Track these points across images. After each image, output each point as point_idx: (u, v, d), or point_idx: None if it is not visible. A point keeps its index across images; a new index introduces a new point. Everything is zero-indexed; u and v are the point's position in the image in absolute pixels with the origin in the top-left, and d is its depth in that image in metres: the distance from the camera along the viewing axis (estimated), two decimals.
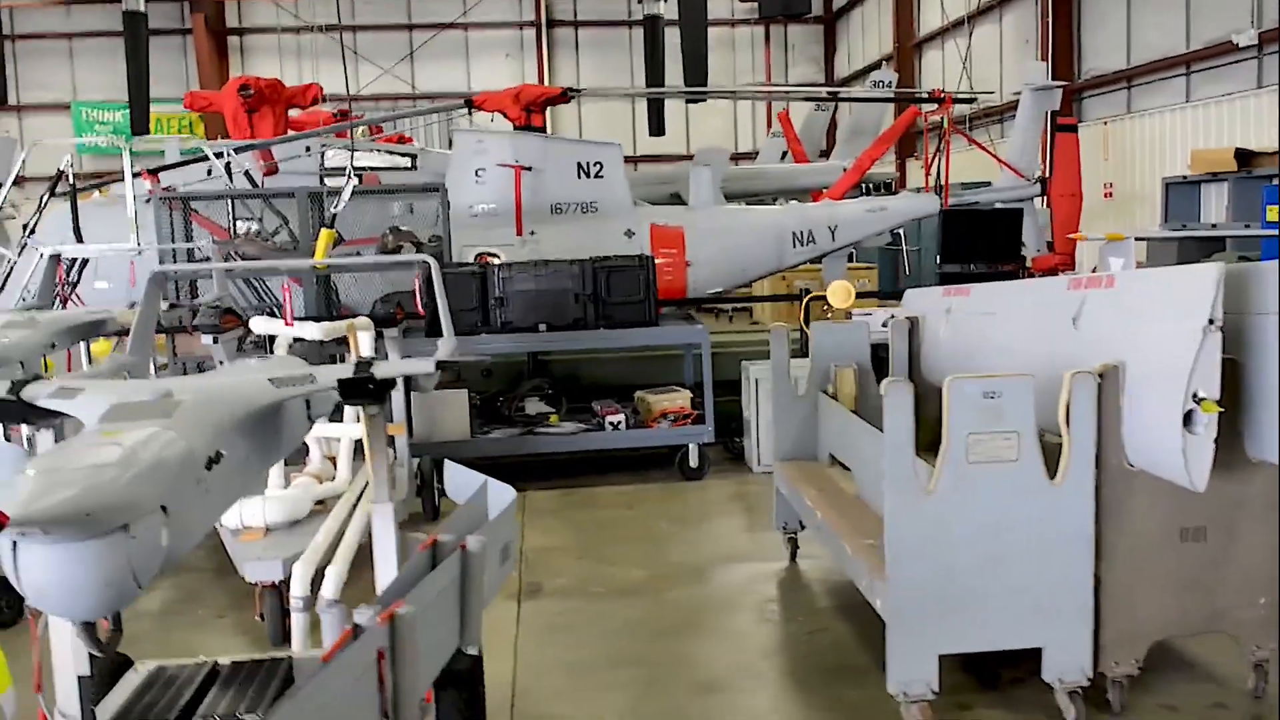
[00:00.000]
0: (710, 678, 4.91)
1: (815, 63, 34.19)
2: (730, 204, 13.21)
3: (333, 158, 12.70)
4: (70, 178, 10.26)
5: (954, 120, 12.87)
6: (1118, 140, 18.46)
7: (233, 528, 5.65)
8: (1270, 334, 3.75)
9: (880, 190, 18.96)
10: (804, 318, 9.42)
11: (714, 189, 12.16)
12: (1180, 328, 3.70)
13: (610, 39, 32.40)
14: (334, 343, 6.45)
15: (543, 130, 11.47)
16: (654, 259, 8.74)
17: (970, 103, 14.74)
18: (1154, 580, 4.19)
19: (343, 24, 30.08)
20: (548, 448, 8.36)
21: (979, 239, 11.42)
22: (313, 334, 5.81)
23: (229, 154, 10.50)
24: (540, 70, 31.93)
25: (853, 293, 8.47)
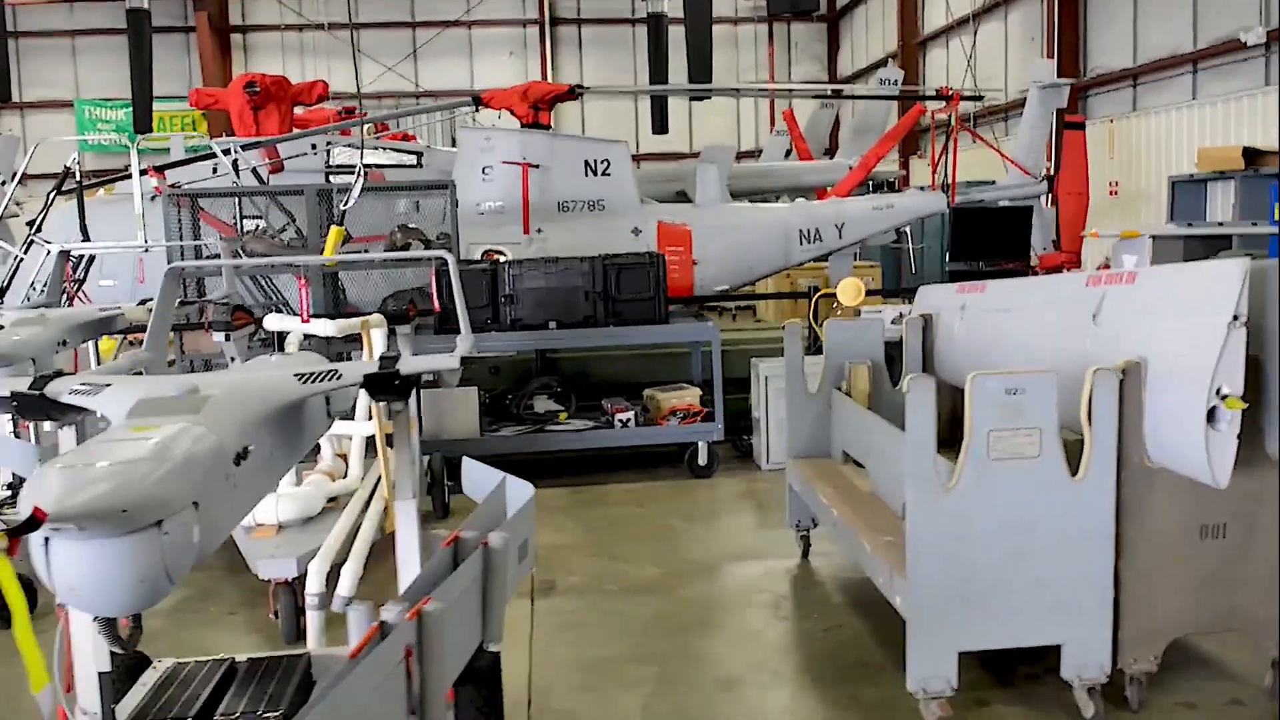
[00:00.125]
0: (726, 675, 4.90)
1: (818, 61, 34.14)
2: (736, 202, 13.20)
3: (338, 155, 12.68)
4: (78, 175, 10.26)
5: (960, 118, 12.85)
6: (1123, 139, 18.43)
7: (245, 525, 5.64)
8: None
9: (884, 188, 18.97)
10: (813, 315, 9.40)
11: (721, 187, 12.15)
12: (1204, 324, 3.69)
13: (614, 37, 32.35)
14: (341, 340, 6.44)
15: (550, 128, 11.45)
16: (664, 257, 8.72)
17: (978, 101, 14.72)
18: (1174, 577, 4.18)
19: (346, 22, 30.04)
20: (557, 445, 8.35)
21: (988, 236, 11.42)
22: (328, 331, 5.80)
23: (236, 151, 10.48)
24: (544, 68, 31.89)
25: (863, 290, 8.48)
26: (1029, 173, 12.70)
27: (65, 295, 8.50)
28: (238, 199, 9.48)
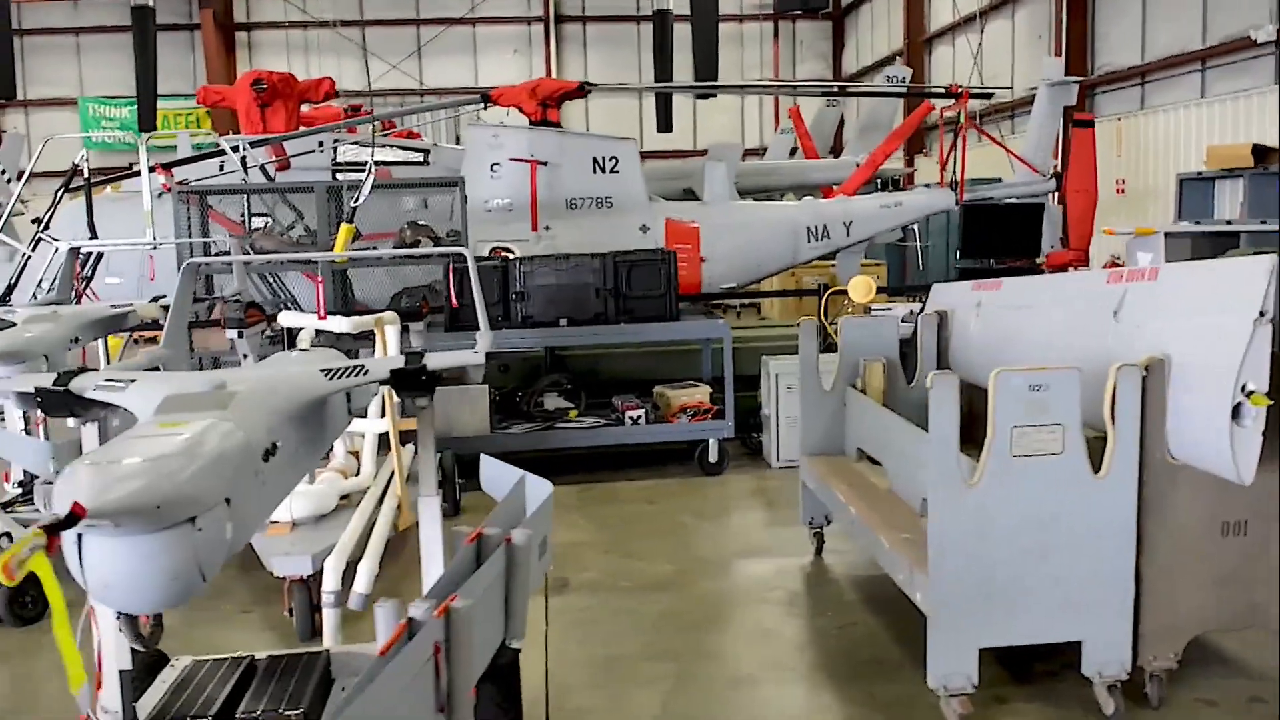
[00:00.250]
0: (742, 672, 4.89)
1: (824, 59, 34.11)
2: (743, 199, 13.18)
3: (345, 152, 12.68)
4: (86, 173, 10.27)
5: (968, 116, 12.84)
6: (1131, 137, 18.39)
7: None
8: None
9: (889, 186, 18.94)
10: (823, 313, 9.38)
11: (728, 184, 12.14)
12: (1230, 320, 3.67)
13: (619, 34, 32.31)
14: (351, 338, 6.43)
15: (558, 125, 11.44)
16: (675, 254, 8.71)
17: (987, 98, 14.70)
18: (1195, 574, 4.17)
19: (351, 19, 30.04)
20: (567, 442, 8.34)
21: (999, 233, 11.40)
22: (342, 327, 5.79)
23: (244, 148, 10.49)
24: (548, 66, 31.86)
25: (873, 287, 8.41)
26: (1037, 170, 12.68)
27: (75, 293, 8.50)
28: (246, 196, 9.47)
